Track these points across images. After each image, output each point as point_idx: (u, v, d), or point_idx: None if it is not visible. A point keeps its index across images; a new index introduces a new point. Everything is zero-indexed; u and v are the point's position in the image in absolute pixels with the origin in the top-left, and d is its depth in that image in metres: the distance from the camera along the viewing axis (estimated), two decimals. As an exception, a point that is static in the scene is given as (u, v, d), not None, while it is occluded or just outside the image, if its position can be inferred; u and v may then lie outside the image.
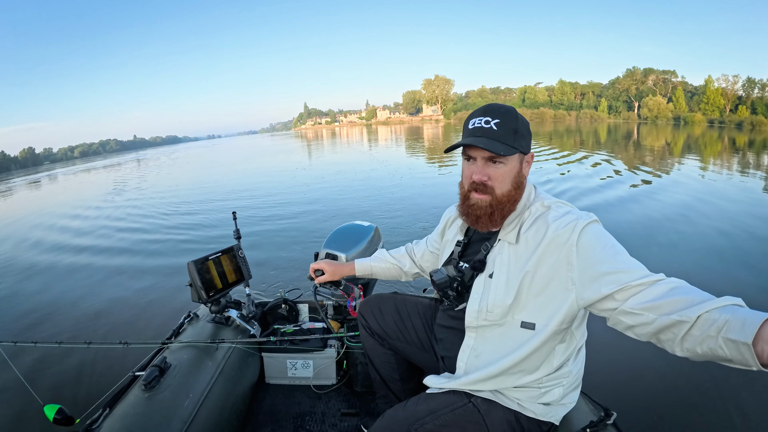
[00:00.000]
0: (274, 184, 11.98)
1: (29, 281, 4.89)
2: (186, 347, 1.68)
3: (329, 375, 2.02)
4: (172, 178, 18.29)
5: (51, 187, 22.87)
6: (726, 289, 2.71)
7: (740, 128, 38.77)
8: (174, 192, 12.39)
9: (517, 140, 1.06)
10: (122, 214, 9.28)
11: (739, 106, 50.67)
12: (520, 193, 1.11)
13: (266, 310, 2.16)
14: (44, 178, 33.99)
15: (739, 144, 20.49)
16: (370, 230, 2.20)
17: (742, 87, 52.87)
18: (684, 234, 5.19)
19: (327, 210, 7.69)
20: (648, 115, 57.56)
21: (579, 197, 7.43)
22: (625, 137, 25.92)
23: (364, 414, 1.84)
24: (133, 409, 1.33)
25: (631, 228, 5.47)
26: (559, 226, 1.01)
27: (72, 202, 13.14)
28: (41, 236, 7.73)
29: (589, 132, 33.29)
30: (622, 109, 66.50)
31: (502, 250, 1.11)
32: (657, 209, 6.46)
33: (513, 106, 1.17)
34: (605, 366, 2.36)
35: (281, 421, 1.83)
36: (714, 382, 2.33)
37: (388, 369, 1.54)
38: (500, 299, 1.07)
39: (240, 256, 2.03)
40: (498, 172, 1.07)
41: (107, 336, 3.22)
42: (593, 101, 72.25)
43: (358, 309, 1.59)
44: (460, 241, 1.28)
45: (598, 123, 55.94)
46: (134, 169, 28.46)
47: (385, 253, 1.64)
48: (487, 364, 1.10)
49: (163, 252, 5.72)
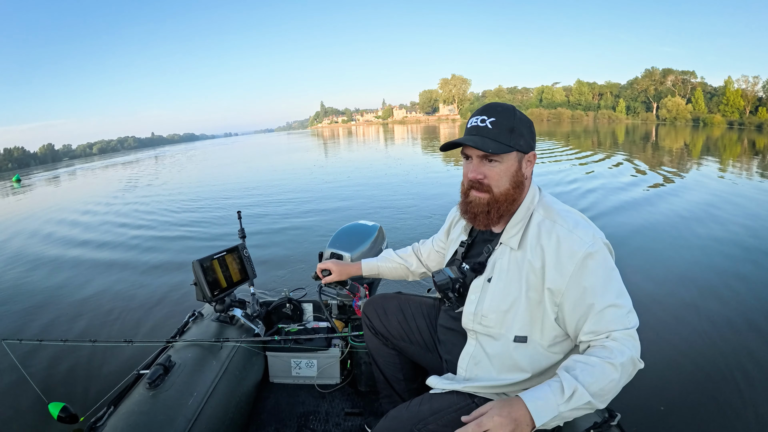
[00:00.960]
0: (288, 182, 12.01)
1: (35, 278, 4.92)
2: (190, 346, 1.68)
3: (333, 374, 2.02)
4: (185, 175, 18.41)
5: (67, 184, 23.21)
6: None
7: (760, 130, 37.89)
8: (184, 189, 12.46)
9: (513, 138, 1.06)
10: (129, 210, 9.34)
11: (760, 107, 49.91)
12: (519, 193, 1.10)
13: (271, 310, 2.16)
14: (63, 174, 34.50)
15: (759, 146, 19.91)
16: (374, 229, 2.20)
17: (763, 88, 52.21)
18: (712, 233, 5.16)
19: (335, 208, 7.71)
20: (667, 116, 56.79)
21: (604, 198, 7.35)
22: (643, 138, 25.43)
23: (367, 414, 1.84)
24: (138, 407, 1.33)
25: (657, 227, 5.46)
26: (562, 246, 1.00)
27: (83, 198, 13.31)
28: (49, 232, 7.78)
29: (606, 133, 32.81)
30: (641, 110, 65.66)
31: (503, 254, 1.10)
32: (682, 208, 6.43)
33: (530, 105, 1.17)
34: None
35: (285, 420, 1.83)
36: (718, 384, 2.31)
37: (392, 369, 1.54)
38: (496, 305, 1.07)
39: (245, 255, 2.03)
40: (494, 170, 1.07)
41: (112, 334, 3.23)
42: (611, 102, 71.48)
43: (362, 309, 1.59)
44: (464, 242, 1.28)
45: (616, 124, 55.34)
46: (150, 166, 28.82)
47: (391, 252, 1.64)
48: (488, 376, 1.11)
49: (170, 250, 5.75)
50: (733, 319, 3.00)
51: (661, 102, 60.33)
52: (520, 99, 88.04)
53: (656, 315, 3.11)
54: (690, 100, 58.29)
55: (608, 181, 9.23)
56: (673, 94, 60.50)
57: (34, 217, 10.14)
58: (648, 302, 3.27)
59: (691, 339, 2.77)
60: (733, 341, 2.71)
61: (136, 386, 1.45)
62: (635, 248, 4.67)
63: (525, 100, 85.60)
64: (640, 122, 58.59)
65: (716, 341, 2.72)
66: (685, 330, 2.90)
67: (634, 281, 3.62)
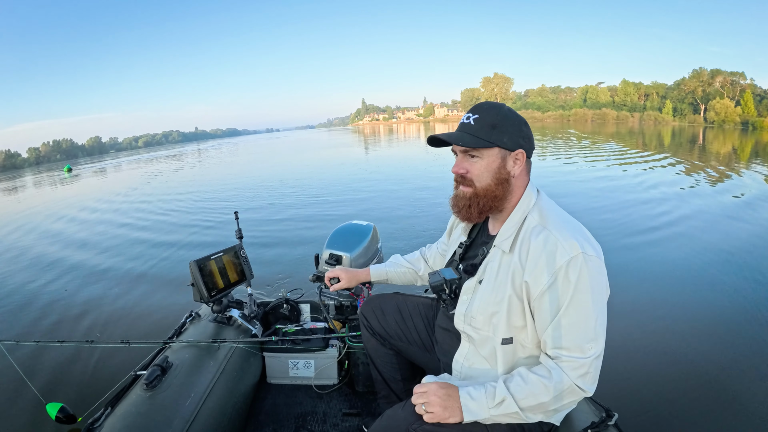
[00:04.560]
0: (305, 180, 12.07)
1: (33, 278, 4.89)
2: (188, 347, 1.68)
3: (331, 375, 2.02)
4: (214, 172, 18.53)
5: (110, 176, 23.60)
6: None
7: (814, 135, 35.35)
8: (184, 189, 12.39)
9: (494, 134, 1.06)
10: (129, 209, 9.30)
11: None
12: (504, 190, 1.09)
13: (268, 310, 2.16)
14: (108, 166, 34.89)
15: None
16: (369, 229, 2.20)
17: (817, 91, 48.47)
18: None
19: (348, 207, 7.78)
20: (714, 119, 53.53)
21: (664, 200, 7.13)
22: (690, 141, 24.34)
23: (365, 414, 1.84)
24: (135, 408, 1.33)
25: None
26: (545, 251, 0.98)
27: (113, 189, 13.54)
28: (53, 230, 7.75)
29: (652, 134, 31.75)
30: (688, 111, 62.64)
31: (494, 257, 1.10)
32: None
33: (574, 106, 1.16)
34: (607, 367, 2.32)
35: (282, 420, 1.83)
36: (715, 383, 2.32)
37: (390, 369, 1.54)
38: (483, 307, 1.08)
39: (242, 255, 2.03)
40: (475, 165, 1.09)
41: (109, 335, 3.22)
42: (657, 103, 68.89)
43: (360, 309, 1.59)
44: (462, 243, 1.29)
45: (662, 126, 53.37)
46: (182, 161, 29.17)
47: (399, 258, 1.63)
48: (482, 376, 1.12)
49: (174, 248, 5.76)
50: (735, 319, 3.01)
51: (709, 104, 56.75)
52: (564, 99, 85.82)
53: (657, 315, 3.13)
54: (739, 102, 53.97)
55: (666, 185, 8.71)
56: (721, 96, 56.61)
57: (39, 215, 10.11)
58: (648, 300, 3.29)
59: (690, 339, 2.78)
60: (736, 342, 2.72)
61: (133, 387, 1.45)
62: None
63: (569, 100, 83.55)
64: (687, 124, 55.79)
65: (717, 341, 2.74)
66: (686, 329, 2.91)
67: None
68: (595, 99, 77.05)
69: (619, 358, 2.50)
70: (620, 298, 3.30)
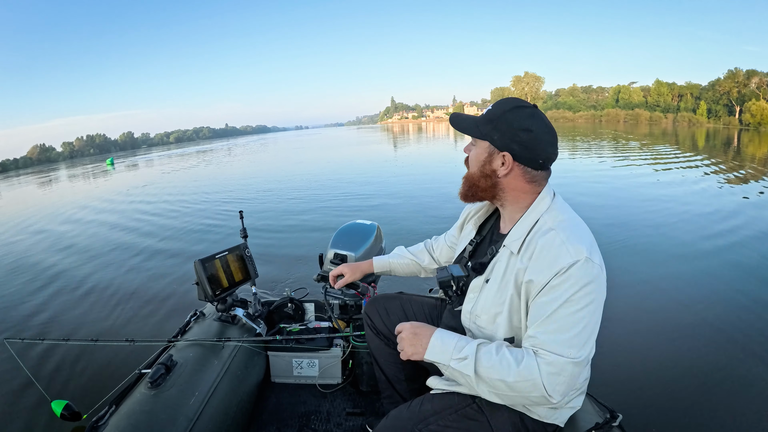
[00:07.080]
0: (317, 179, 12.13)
1: (37, 277, 4.93)
2: (192, 345, 1.69)
3: (335, 374, 2.03)
4: (194, 175, 18.47)
5: (143, 170, 24.35)
6: None
7: None
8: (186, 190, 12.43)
9: (487, 128, 1.08)
10: (130, 209, 9.33)
11: None
12: (485, 184, 1.11)
13: (272, 309, 2.16)
14: (140, 160, 35.85)
15: None
16: (373, 228, 2.20)
17: None
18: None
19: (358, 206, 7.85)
20: (750, 121, 50.98)
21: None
22: (725, 144, 23.16)
23: (369, 414, 1.84)
24: (139, 406, 1.34)
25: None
26: (550, 253, 0.98)
27: (101, 195, 13.46)
28: (55, 229, 7.81)
29: (685, 136, 30.49)
30: (723, 113, 60.03)
31: (502, 257, 1.10)
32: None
33: (606, 106, 1.16)
34: (611, 367, 2.34)
35: (286, 419, 1.83)
36: (720, 383, 2.31)
37: (394, 369, 1.54)
38: (488, 307, 1.08)
39: (246, 254, 2.04)
40: (472, 152, 1.15)
41: (114, 333, 3.24)
42: (691, 104, 66.36)
43: (364, 309, 1.59)
44: (472, 240, 1.29)
45: (697, 127, 51.34)
46: (209, 157, 29.57)
47: (403, 249, 1.64)
48: None
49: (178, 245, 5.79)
50: (741, 319, 2.99)
51: (745, 106, 54.06)
52: (595, 98, 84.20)
53: (659, 315, 3.11)
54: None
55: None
56: (757, 97, 53.91)
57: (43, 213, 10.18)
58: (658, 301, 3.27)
59: (694, 340, 2.77)
60: (743, 342, 2.70)
61: (137, 385, 1.46)
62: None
63: (600, 100, 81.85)
64: (722, 126, 52.94)
65: (724, 343, 2.72)
66: (689, 330, 2.89)
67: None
68: (627, 99, 75.12)
69: (623, 359, 2.49)
70: (625, 298, 3.30)
